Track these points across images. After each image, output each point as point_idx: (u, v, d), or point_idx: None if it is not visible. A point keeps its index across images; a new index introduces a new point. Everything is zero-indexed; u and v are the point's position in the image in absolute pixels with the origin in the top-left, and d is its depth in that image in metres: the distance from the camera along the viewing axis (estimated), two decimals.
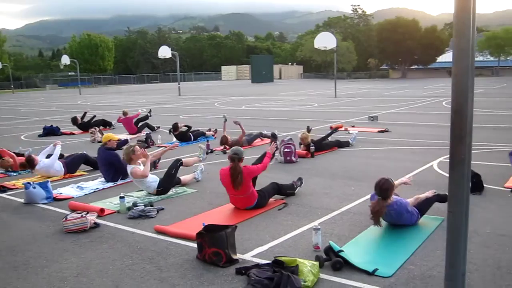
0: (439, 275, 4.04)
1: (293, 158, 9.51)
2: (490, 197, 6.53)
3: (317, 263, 4.12)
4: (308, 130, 11.26)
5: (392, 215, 5.18)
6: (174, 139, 12.67)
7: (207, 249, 4.41)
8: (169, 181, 7.26)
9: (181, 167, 7.60)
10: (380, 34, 67.83)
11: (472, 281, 3.89)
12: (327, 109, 21.49)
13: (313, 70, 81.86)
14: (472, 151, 7.89)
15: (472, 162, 6.67)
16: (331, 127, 14.13)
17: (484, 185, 6.83)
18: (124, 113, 15.38)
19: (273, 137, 11.53)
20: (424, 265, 4.31)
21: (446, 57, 73.62)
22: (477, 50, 67.05)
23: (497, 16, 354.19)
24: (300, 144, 10.25)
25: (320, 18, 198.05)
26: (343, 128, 14.10)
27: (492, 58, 66.90)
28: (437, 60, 69.70)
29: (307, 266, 3.99)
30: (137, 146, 7.35)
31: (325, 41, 28.89)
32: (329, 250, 4.40)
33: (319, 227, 4.77)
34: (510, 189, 6.86)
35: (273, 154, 7.80)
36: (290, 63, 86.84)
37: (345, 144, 11.05)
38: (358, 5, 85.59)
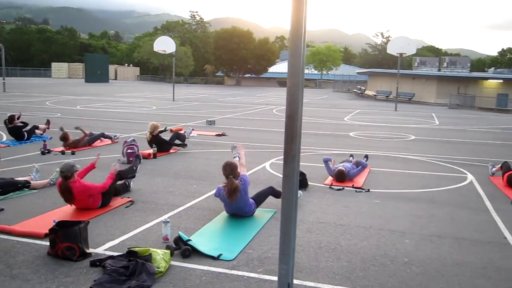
0: (273, 256, 4.74)
1: None
2: (313, 192, 7.59)
3: (168, 252, 4.51)
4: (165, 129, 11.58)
5: (241, 191, 5.84)
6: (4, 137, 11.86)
7: (60, 244, 4.49)
8: (9, 189, 6.93)
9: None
10: (216, 41, 70.14)
11: (299, 259, 4.65)
12: (166, 112, 21.79)
13: (150, 72, 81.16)
14: (303, 154, 9.15)
15: (302, 164, 7.67)
16: (171, 130, 14.52)
17: (309, 182, 7.91)
18: None
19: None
20: (261, 248, 4.98)
21: (277, 68, 79.13)
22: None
23: (321, 34, 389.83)
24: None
25: (158, 20, 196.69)
26: (183, 131, 14.61)
27: (316, 72, 73.72)
28: (269, 70, 74.43)
29: (160, 254, 4.36)
30: None
31: (165, 45, 29.15)
32: (178, 240, 4.82)
33: (168, 220, 5.17)
34: (328, 186, 8.04)
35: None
36: (126, 64, 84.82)
37: (182, 137, 11.60)
38: (196, 12, 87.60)
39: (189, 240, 4.82)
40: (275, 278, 4.18)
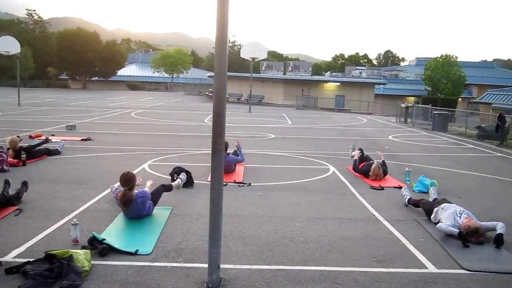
0: (186, 247, 5.10)
1: (5, 167, 9.14)
2: (200, 189, 7.99)
3: (89, 251, 4.59)
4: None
5: (138, 203, 6.00)
6: None
7: None
8: None
9: None
10: (60, 43, 65.92)
11: None
12: (15, 118, 20.24)
13: None
14: (177, 155, 9.69)
15: (181, 164, 8.14)
16: (30, 136, 13.73)
17: (194, 180, 8.29)
18: None
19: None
20: (172, 241, 5.28)
21: (126, 71, 77.08)
22: (153, 67, 72.59)
23: (166, 37, 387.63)
24: (8, 149, 9.89)
25: None
26: (43, 137, 13.90)
27: (166, 75, 73.45)
28: (118, 74, 72.12)
29: (81, 254, 4.43)
30: None
31: (8, 45, 26.95)
32: (93, 240, 4.90)
33: (77, 222, 5.18)
34: None
35: None
36: None
37: (55, 152, 11.11)
38: (34, 10, 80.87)
39: (104, 239, 4.92)
40: (196, 265, 4.59)
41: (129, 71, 78.73)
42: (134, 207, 6.05)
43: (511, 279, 4.55)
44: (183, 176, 7.75)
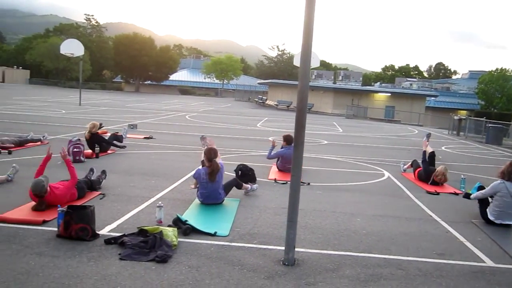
0: (258, 232, 5.59)
1: (82, 158, 9.95)
2: (263, 185, 8.46)
3: (176, 229, 5.15)
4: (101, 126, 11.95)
5: (220, 173, 6.82)
6: None
7: (74, 225, 4.93)
8: None
9: None
10: (117, 47, 68.56)
11: (282, 234, 5.51)
12: (78, 116, 21.44)
13: (42, 76, 76.94)
14: (233, 155, 10.26)
15: (240, 162, 8.69)
16: (97, 133, 14.65)
17: (256, 178, 8.80)
18: None
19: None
20: (245, 227, 5.79)
21: (178, 76, 79.14)
22: (205, 73, 74.31)
23: (215, 44, 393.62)
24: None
25: (45, 21, 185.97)
26: (109, 134, 14.85)
27: (217, 81, 74.99)
28: (169, 78, 74.21)
29: (170, 231, 5.00)
30: None
31: (73, 47, 28.53)
32: (177, 220, 5.48)
33: (162, 204, 5.77)
34: (273, 180, 8.99)
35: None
36: (15, 67, 79.57)
37: (120, 138, 12.10)
38: (92, 15, 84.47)
39: (187, 220, 5.49)
40: (271, 247, 5.08)
41: (180, 76, 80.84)
42: (218, 178, 6.80)
43: None
44: (255, 186, 8.07)
